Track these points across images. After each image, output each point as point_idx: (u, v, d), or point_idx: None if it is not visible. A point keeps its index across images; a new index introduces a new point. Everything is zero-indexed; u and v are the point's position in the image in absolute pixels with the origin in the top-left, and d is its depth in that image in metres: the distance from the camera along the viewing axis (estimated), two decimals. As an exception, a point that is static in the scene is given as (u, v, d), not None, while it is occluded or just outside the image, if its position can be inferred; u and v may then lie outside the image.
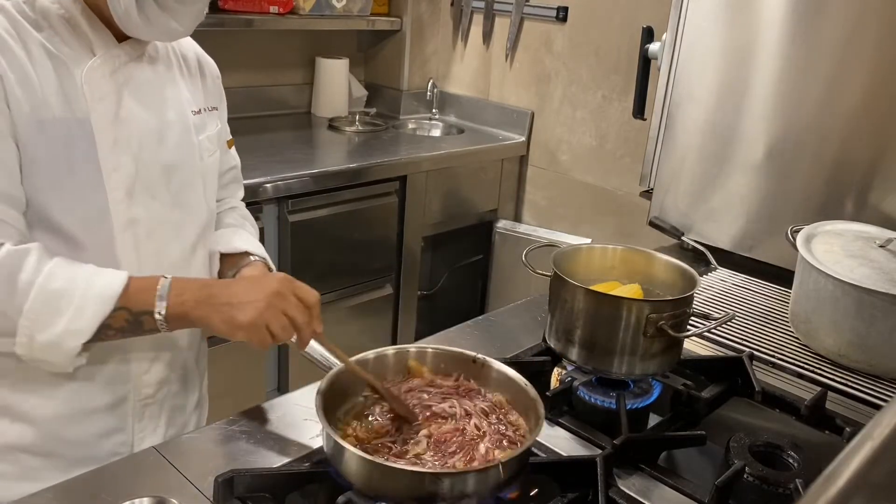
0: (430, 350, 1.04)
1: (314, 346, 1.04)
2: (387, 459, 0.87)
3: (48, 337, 0.94)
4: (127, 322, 0.97)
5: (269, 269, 1.20)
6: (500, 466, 0.82)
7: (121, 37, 1.03)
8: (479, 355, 1.01)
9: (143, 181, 1.06)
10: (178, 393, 1.18)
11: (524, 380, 0.96)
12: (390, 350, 1.03)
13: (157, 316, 0.96)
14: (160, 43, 1.12)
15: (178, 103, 1.12)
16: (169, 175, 1.09)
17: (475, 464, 0.87)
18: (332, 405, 0.94)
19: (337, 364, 0.99)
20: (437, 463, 0.88)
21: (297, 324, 0.96)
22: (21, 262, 0.93)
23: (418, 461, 0.88)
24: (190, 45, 1.21)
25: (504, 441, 0.92)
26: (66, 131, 0.98)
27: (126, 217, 1.04)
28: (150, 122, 1.07)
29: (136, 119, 1.04)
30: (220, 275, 1.20)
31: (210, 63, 1.24)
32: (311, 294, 0.99)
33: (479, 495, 0.82)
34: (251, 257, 1.20)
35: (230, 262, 1.20)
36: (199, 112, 1.17)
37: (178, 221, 1.12)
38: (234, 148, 1.33)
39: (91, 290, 0.95)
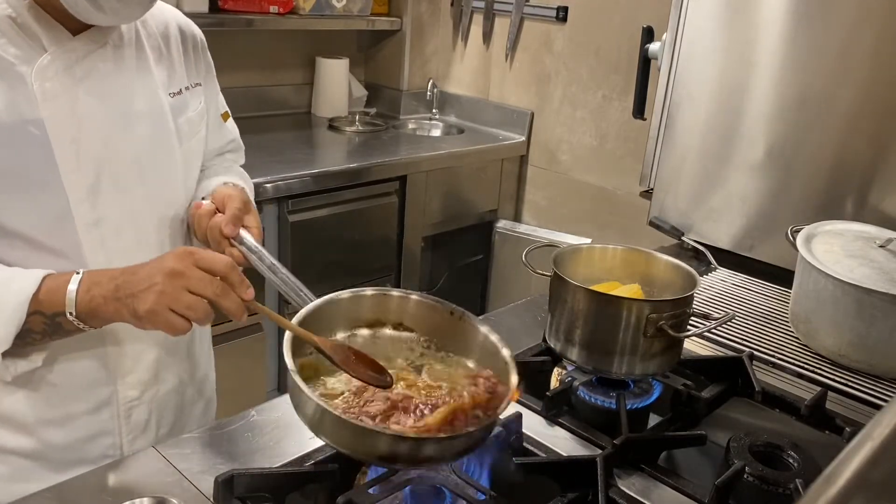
0: (413, 297, 0.97)
1: (288, 282, 0.98)
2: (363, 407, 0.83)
3: None
4: (46, 325, 0.93)
5: (247, 195, 1.14)
6: (473, 433, 0.80)
7: (76, 30, 0.98)
8: (458, 308, 0.96)
9: (110, 177, 1.02)
10: (170, 393, 1.16)
11: (499, 339, 0.92)
12: (368, 291, 0.97)
13: (69, 317, 0.92)
14: (126, 27, 1.06)
15: (149, 90, 1.07)
16: (141, 167, 1.05)
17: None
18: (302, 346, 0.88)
19: (312, 298, 0.94)
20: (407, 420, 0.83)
21: (208, 297, 0.87)
22: None
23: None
24: (171, 16, 1.15)
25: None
26: (14, 136, 0.94)
27: (91, 217, 1.00)
28: (115, 116, 1.02)
29: (95, 114, 1.00)
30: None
31: (193, 31, 1.18)
32: (217, 261, 0.89)
33: (445, 458, 0.81)
34: (227, 183, 1.15)
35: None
36: (179, 93, 1.12)
37: (152, 215, 1.08)
38: (231, 120, 1.28)
39: (2, 298, 0.91)
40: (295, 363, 0.82)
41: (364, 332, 0.97)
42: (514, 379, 0.86)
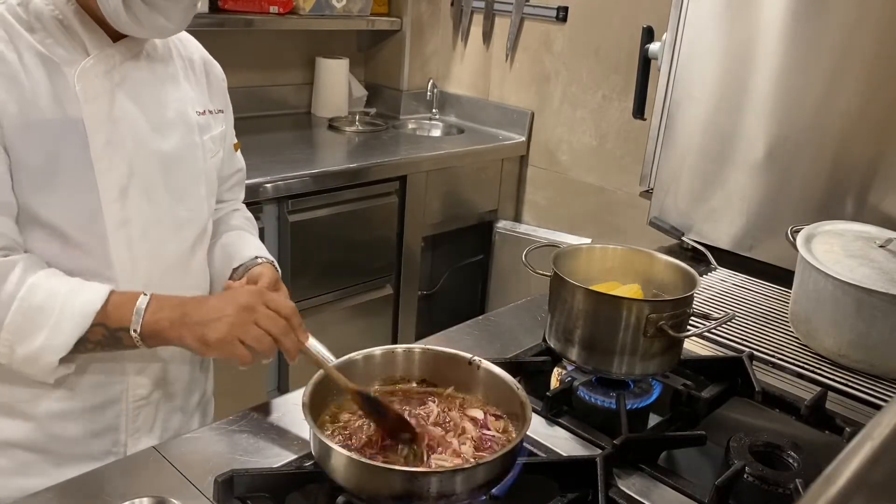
0: (422, 350, 1.03)
1: (313, 345, 1.04)
2: (376, 454, 0.88)
3: (26, 351, 0.95)
4: (104, 337, 0.98)
5: (276, 270, 1.21)
6: (484, 466, 0.82)
7: (116, 36, 1.03)
8: (475, 357, 1.00)
9: (139, 181, 1.05)
10: (177, 394, 1.18)
11: (516, 382, 0.96)
12: (378, 350, 1.02)
13: (132, 333, 0.97)
14: (160, 42, 1.11)
15: (179, 102, 1.12)
16: (167, 174, 1.09)
17: (458, 461, 0.87)
18: (323, 403, 0.94)
19: (331, 360, 0.98)
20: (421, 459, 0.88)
21: (273, 334, 0.96)
22: (5, 275, 0.94)
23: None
24: (196, 48, 1.21)
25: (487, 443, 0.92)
26: (57, 132, 0.98)
27: (119, 217, 1.04)
28: (147, 122, 1.06)
29: (130, 118, 1.04)
30: (230, 278, 1.20)
31: (216, 67, 1.24)
32: (285, 305, 0.98)
33: (461, 495, 0.82)
34: (258, 259, 1.20)
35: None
36: (204, 113, 1.17)
37: (176, 222, 1.11)
38: (239, 151, 1.33)
39: (70, 306, 0.96)
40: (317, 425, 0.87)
41: (386, 388, 1.02)
42: (528, 419, 0.89)
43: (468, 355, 1.01)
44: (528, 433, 1.00)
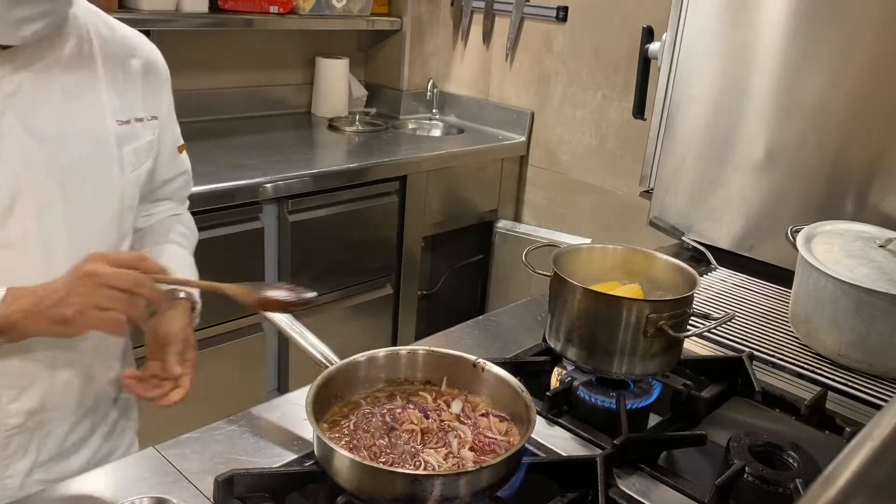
0: (426, 352, 1.03)
1: (308, 339, 1.03)
2: (379, 456, 0.88)
3: None
4: None
5: (193, 305, 1.13)
6: (487, 469, 0.82)
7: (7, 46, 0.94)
8: (480, 360, 1.00)
9: (29, 200, 0.98)
10: (62, 422, 1.09)
11: (520, 385, 0.95)
12: (381, 352, 1.02)
13: None
14: (82, 47, 1.03)
15: (89, 114, 1.04)
16: (67, 191, 1.01)
17: (464, 465, 0.87)
18: (326, 404, 0.94)
19: (335, 361, 0.98)
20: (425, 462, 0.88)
21: (126, 288, 0.90)
22: None
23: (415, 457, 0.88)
24: (141, 47, 1.13)
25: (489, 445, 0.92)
26: None
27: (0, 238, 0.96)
28: (41, 136, 0.98)
29: (19, 133, 0.96)
30: None
31: (158, 66, 1.15)
32: (124, 256, 0.96)
33: (464, 498, 0.81)
34: (179, 293, 1.12)
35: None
36: (129, 122, 1.09)
37: (78, 240, 1.03)
38: (185, 153, 1.26)
39: None
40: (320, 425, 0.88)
41: (392, 389, 1.02)
42: (533, 422, 0.88)
43: (473, 357, 1.01)
44: (528, 433, 1.00)
